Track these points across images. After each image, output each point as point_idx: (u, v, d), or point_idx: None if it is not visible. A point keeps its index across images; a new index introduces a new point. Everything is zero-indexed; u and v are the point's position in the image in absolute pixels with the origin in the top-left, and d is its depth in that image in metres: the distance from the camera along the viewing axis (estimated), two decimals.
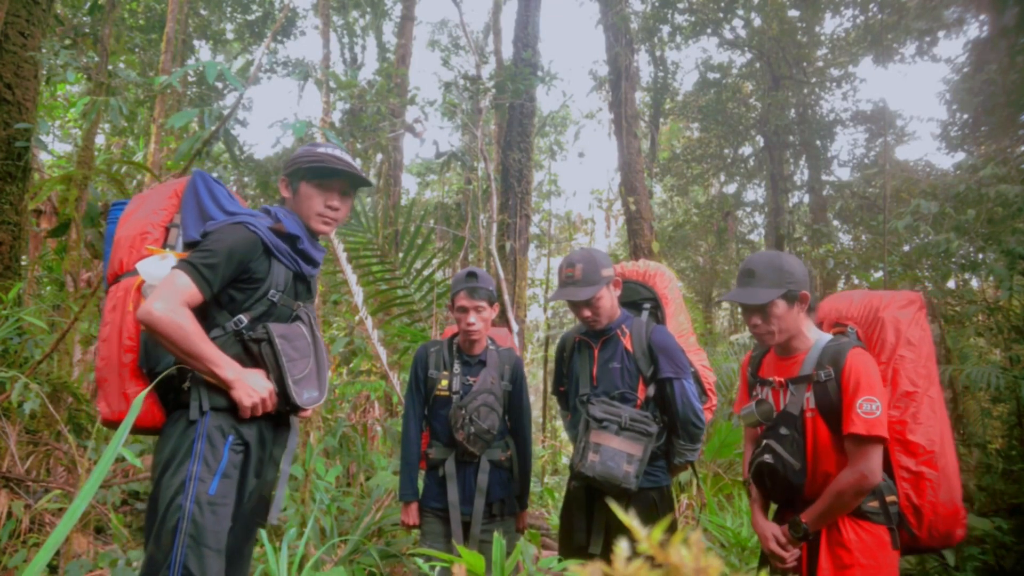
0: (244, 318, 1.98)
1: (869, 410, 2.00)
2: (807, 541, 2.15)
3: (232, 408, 1.94)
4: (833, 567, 2.07)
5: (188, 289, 1.86)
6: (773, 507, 2.41)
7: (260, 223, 2.03)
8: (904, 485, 2.11)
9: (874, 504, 2.09)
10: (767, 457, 2.18)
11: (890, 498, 2.10)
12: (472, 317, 2.80)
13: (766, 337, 2.22)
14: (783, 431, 2.17)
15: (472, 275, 2.83)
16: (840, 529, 2.09)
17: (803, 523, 2.12)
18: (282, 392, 2.01)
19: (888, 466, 2.12)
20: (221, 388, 1.93)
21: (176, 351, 1.85)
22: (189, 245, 2.03)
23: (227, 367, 1.91)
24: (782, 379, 2.24)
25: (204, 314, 1.97)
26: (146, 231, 2.02)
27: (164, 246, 2.03)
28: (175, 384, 1.93)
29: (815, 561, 2.11)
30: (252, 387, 1.93)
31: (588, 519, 2.67)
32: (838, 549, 2.08)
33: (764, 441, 2.22)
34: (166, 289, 1.84)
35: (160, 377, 1.88)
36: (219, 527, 1.86)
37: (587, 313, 2.66)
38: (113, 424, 1.96)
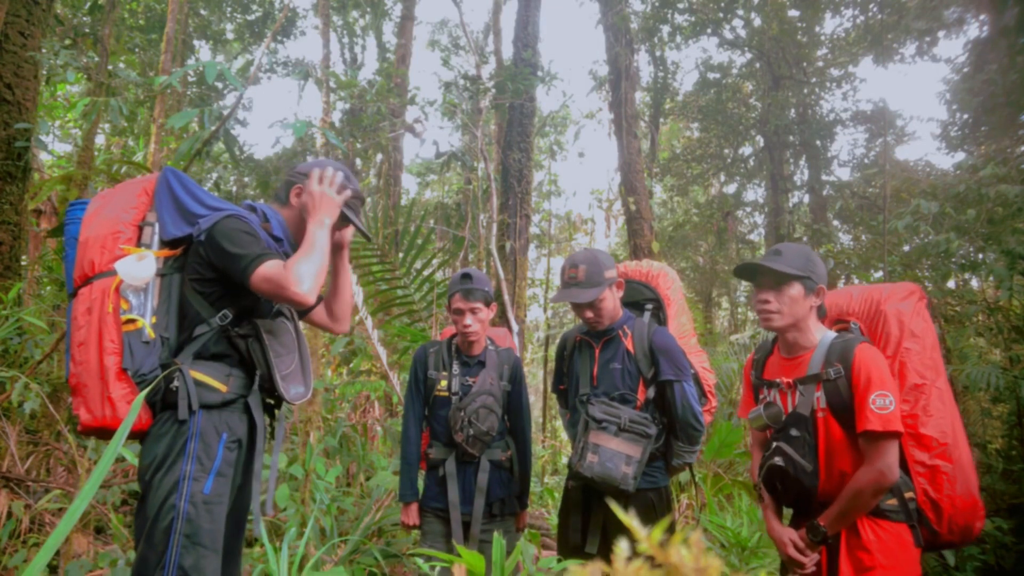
0: (229, 313, 1.97)
1: (882, 405, 1.97)
2: (826, 545, 2.10)
3: (223, 404, 1.93)
4: (854, 570, 2.02)
5: (277, 265, 1.87)
6: (788, 514, 2.37)
7: (251, 218, 2.02)
8: (920, 480, 2.08)
9: (892, 502, 2.05)
10: (777, 460, 2.14)
11: (908, 494, 2.06)
12: (468, 319, 2.80)
13: (773, 317, 2.17)
14: (794, 432, 2.13)
15: (467, 276, 2.82)
16: (859, 531, 2.04)
17: (821, 526, 2.06)
18: (270, 387, 2.01)
19: (903, 461, 2.08)
20: (210, 385, 1.92)
21: (324, 271, 1.93)
22: (167, 243, 2.00)
23: (319, 226, 1.98)
24: (789, 380, 2.20)
25: (188, 311, 1.95)
26: (118, 230, 1.97)
27: (138, 245, 1.98)
28: (160, 383, 1.90)
29: (835, 565, 2.06)
30: (329, 204, 2.03)
31: (585, 519, 2.67)
32: (858, 552, 2.03)
33: (774, 444, 2.17)
34: (280, 278, 1.82)
35: (155, 383, 1.86)
36: (214, 526, 1.85)
37: (589, 314, 2.66)
38: (94, 431, 1.90)
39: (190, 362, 1.92)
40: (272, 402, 2.12)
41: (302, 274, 1.83)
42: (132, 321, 1.89)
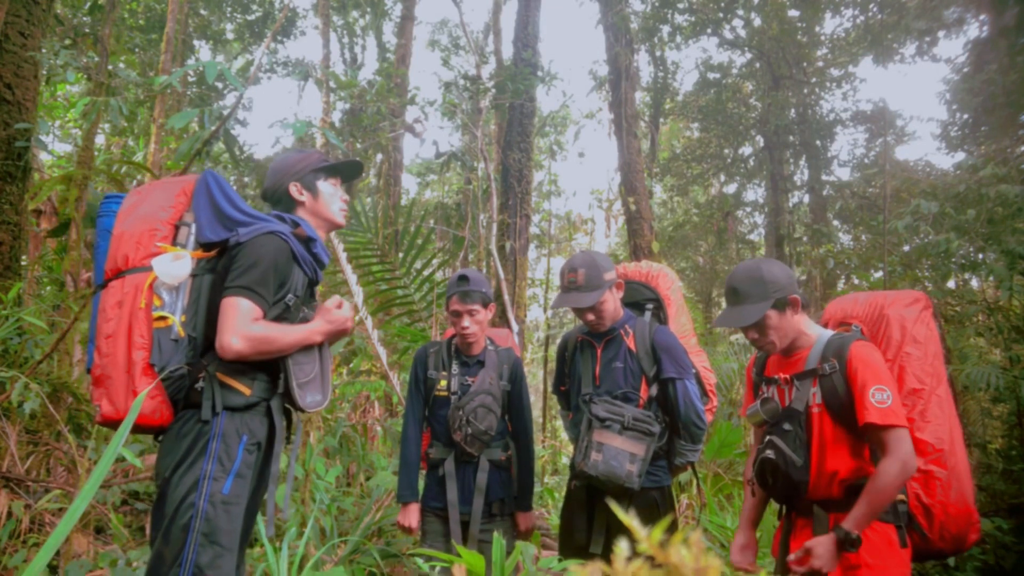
0: None
1: (881, 399, 1.99)
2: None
3: (246, 407, 1.94)
4: (841, 568, 2.03)
5: (253, 312, 1.90)
6: (775, 508, 2.38)
7: (287, 230, 2.05)
8: (913, 484, 2.09)
9: None
10: (769, 453, 2.17)
11: (898, 497, 2.07)
12: (466, 321, 2.81)
13: (767, 347, 2.22)
14: (786, 427, 2.16)
15: (464, 278, 2.82)
16: None
17: (852, 532, 1.98)
18: (286, 393, 2.02)
19: None
20: (235, 387, 1.93)
21: (276, 356, 1.96)
22: (203, 245, 2.02)
23: (316, 333, 2.04)
24: (787, 375, 2.23)
25: (217, 313, 1.95)
26: (155, 227, 1.99)
27: (173, 244, 2.00)
28: (185, 382, 1.92)
29: None
30: (336, 323, 2.08)
31: (589, 518, 2.67)
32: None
33: (767, 437, 2.21)
34: (234, 319, 1.86)
35: (164, 374, 1.87)
36: (232, 526, 1.86)
37: (591, 317, 2.66)
38: (114, 423, 1.92)
39: (216, 363, 1.93)
40: (290, 407, 2.13)
41: (249, 335, 1.86)
42: (163, 318, 1.91)
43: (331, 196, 2.23)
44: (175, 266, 1.93)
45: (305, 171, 2.19)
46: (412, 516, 2.86)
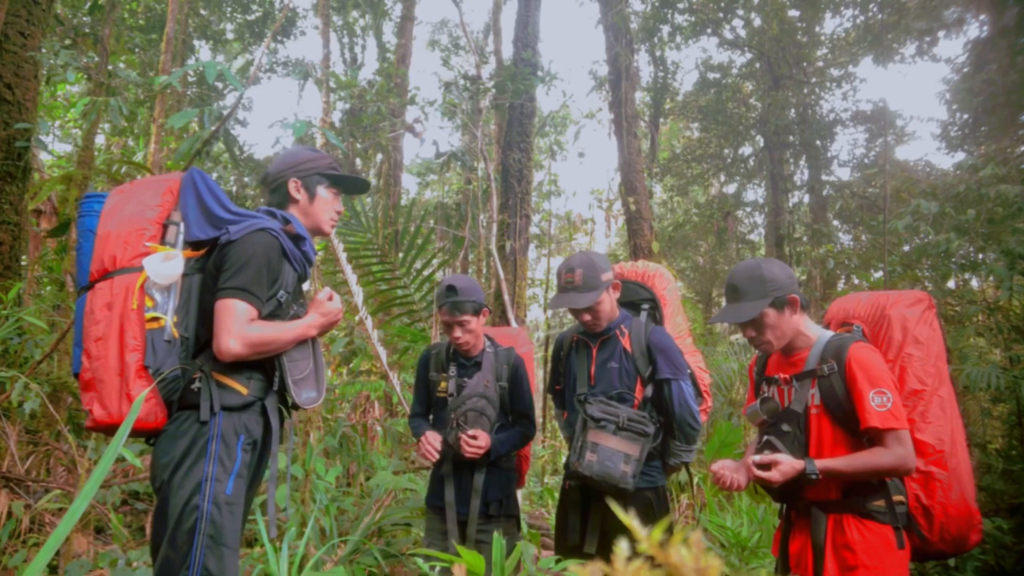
0: None
1: (881, 403, 2.00)
2: (811, 534, 2.12)
3: (243, 407, 1.94)
4: (838, 568, 2.05)
5: (249, 313, 1.89)
6: (775, 508, 2.39)
7: (277, 227, 2.03)
8: (913, 485, 2.09)
9: (880, 503, 2.07)
10: (766, 453, 2.18)
11: (897, 498, 2.08)
12: (458, 332, 2.81)
13: (764, 346, 2.23)
14: (785, 428, 2.17)
15: (452, 289, 2.77)
16: (845, 529, 2.07)
17: (814, 470, 2.04)
18: (281, 391, 2.01)
19: None
20: (232, 387, 1.92)
21: (274, 354, 1.97)
22: (192, 244, 2.00)
23: (311, 327, 2.04)
24: (787, 376, 2.23)
25: (208, 313, 1.95)
26: (142, 227, 1.95)
27: (161, 243, 1.97)
28: (180, 383, 1.90)
29: (820, 563, 2.09)
30: (330, 316, 2.09)
31: (583, 519, 2.67)
32: (843, 551, 2.06)
33: (765, 437, 2.21)
34: (231, 321, 1.86)
35: (160, 378, 1.85)
36: (236, 526, 1.87)
37: (587, 317, 2.66)
38: (105, 427, 1.88)
39: (211, 363, 1.92)
40: (282, 407, 2.13)
41: (247, 337, 1.86)
42: (156, 319, 1.89)
43: (326, 204, 2.21)
44: (167, 266, 1.90)
45: (310, 172, 2.18)
46: (429, 440, 2.75)
